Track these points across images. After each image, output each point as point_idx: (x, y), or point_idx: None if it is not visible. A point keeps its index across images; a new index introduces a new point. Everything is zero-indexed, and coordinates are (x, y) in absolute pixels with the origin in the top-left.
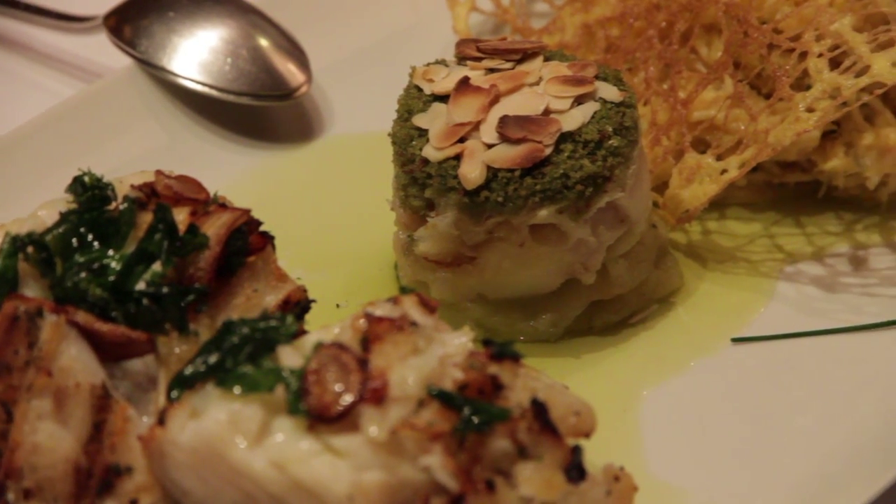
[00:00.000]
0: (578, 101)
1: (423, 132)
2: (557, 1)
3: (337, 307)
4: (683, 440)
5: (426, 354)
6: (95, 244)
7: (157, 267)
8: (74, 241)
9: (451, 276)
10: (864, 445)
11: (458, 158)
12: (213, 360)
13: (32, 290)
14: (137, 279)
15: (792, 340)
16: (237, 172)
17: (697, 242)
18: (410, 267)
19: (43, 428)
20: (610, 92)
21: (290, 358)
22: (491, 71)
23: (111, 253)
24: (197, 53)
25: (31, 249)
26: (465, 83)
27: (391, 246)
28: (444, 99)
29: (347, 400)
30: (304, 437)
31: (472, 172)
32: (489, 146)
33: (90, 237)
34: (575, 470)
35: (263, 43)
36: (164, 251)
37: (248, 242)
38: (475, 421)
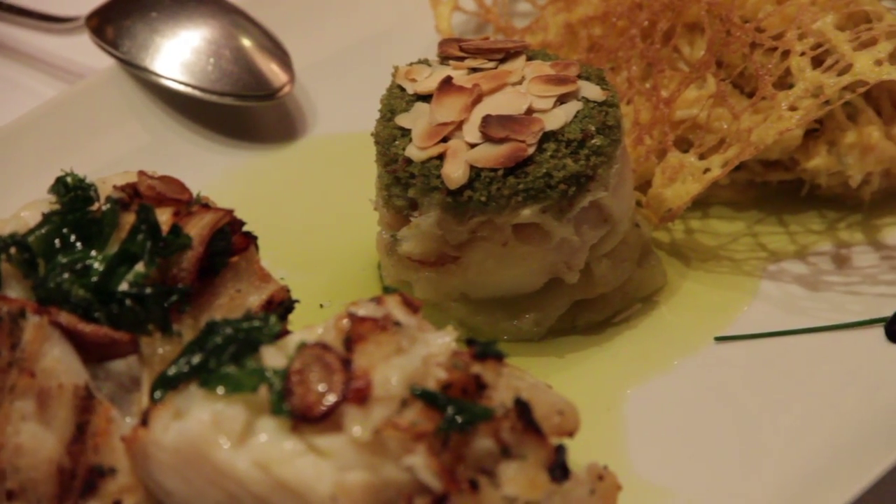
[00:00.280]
0: (561, 100)
1: (405, 132)
2: (540, 0)
3: (320, 307)
4: (667, 439)
5: (409, 354)
6: (78, 245)
7: (139, 267)
8: (57, 241)
9: (434, 275)
10: (847, 443)
11: (441, 158)
12: (196, 360)
13: (15, 291)
14: (120, 280)
15: (775, 339)
16: (220, 173)
17: (681, 241)
18: (394, 267)
19: (26, 429)
20: (593, 91)
21: (273, 358)
22: (473, 70)
23: (94, 254)
24: (179, 54)
25: (13, 250)
26: (447, 83)
27: (374, 246)
28: (426, 98)
29: (331, 400)
30: (287, 437)
31: (455, 172)
32: (472, 146)
33: (73, 238)
34: (559, 469)
35: (246, 43)
36: (146, 252)
37: (231, 243)
38: (459, 420)
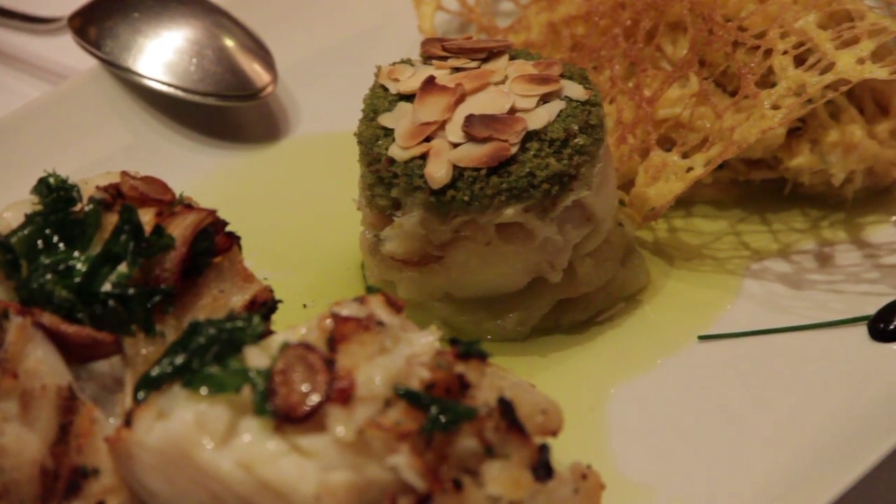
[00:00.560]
0: (544, 99)
1: (388, 132)
2: (522, 0)
3: (304, 307)
4: (651, 438)
5: (393, 354)
6: (61, 246)
7: (122, 268)
8: (40, 242)
9: (417, 275)
10: (830, 442)
11: (424, 158)
12: (179, 360)
13: None
14: (103, 280)
15: (758, 338)
16: (203, 173)
17: (664, 240)
18: (377, 266)
19: (9, 430)
20: (575, 90)
21: (256, 358)
22: (456, 70)
23: (77, 254)
24: (162, 54)
25: None
26: (430, 82)
27: (358, 245)
28: (409, 98)
29: (314, 400)
30: (270, 437)
31: (438, 172)
32: (455, 145)
33: (56, 239)
34: (542, 468)
35: (229, 43)
36: (129, 252)
37: (214, 243)
38: (442, 420)
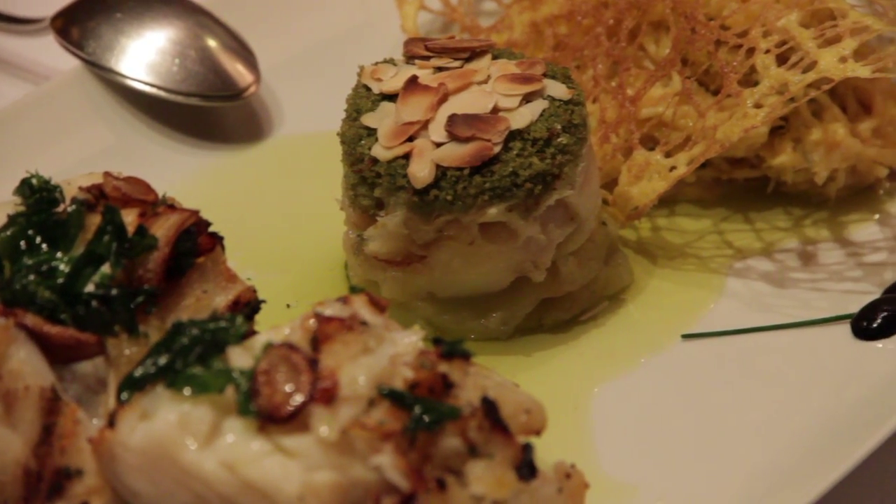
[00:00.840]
0: (527, 98)
1: (371, 131)
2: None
3: (287, 307)
4: (635, 437)
5: (376, 354)
6: (44, 246)
7: (105, 269)
8: (23, 243)
9: (401, 275)
10: (814, 440)
11: (407, 157)
12: (162, 361)
13: None
14: (86, 281)
15: (742, 336)
16: (186, 173)
17: (647, 239)
18: (360, 266)
19: None
20: (558, 90)
21: (240, 359)
22: (439, 70)
23: (59, 255)
24: (145, 54)
25: None
26: (413, 82)
27: (341, 245)
28: (392, 98)
29: (298, 400)
30: (254, 437)
31: (421, 171)
32: (438, 145)
33: (38, 239)
34: (526, 468)
35: (211, 43)
36: (112, 253)
37: (197, 243)
38: (426, 420)
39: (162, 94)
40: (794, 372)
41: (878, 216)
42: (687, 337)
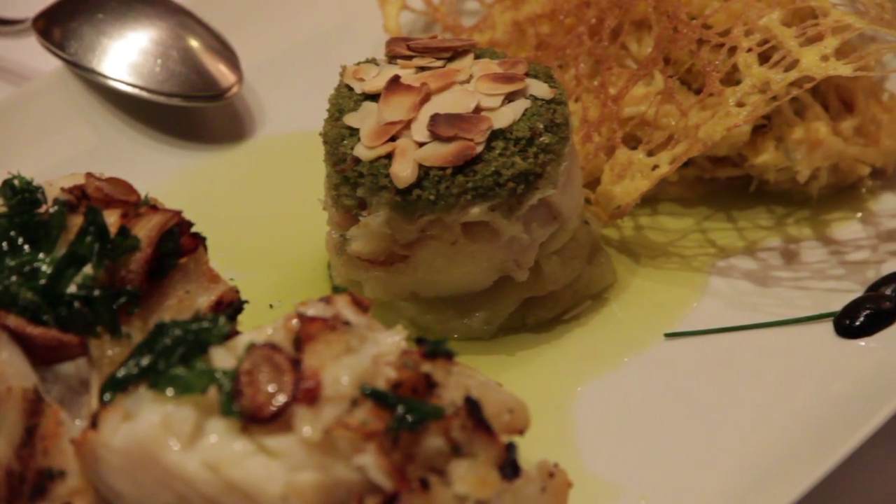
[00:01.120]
0: (509, 98)
1: (354, 131)
2: None
3: (270, 307)
4: (618, 436)
5: (359, 354)
6: (26, 247)
7: (88, 270)
8: (4, 244)
9: (384, 274)
10: (797, 438)
11: (389, 157)
12: (145, 362)
13: None
14: (69, 282)
15: (725, 335)
16: (168, 174)
17: (630, 238)
18: (343, 266)
19: None
20: (541, 89)
21: (222, 359)
22: (421, 69)
23: (42, 256)
24: (127, 55)
25: None
26: (395, 82)
27: (324, 245)
28: (375, 98)
29: (280, 400)
30: (237, 438)
31: (403, 171)
32: (420, 144)
33: (20, 240)
34: (509, 467)
35: (193, 44)
36: (95, 254)
37: (179, 244)
38: (409, 419)
39: (144, 94)
40: (777, 370)
41: (860, 215)
42: (670, 336)
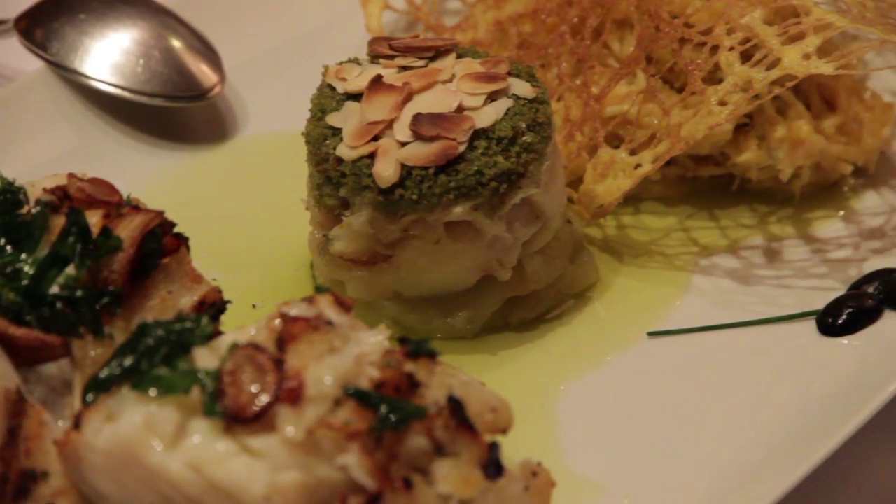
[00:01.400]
0: (491, 97)
1: (336, 131)
2: None
3: (253, 308)
4: (601, 434)
5: (342, 353)
6: (8, 248)
7: (70, 270)
8: None
9: (366, 274)
10: (780, 437)
11: (372, 157)
12: (128, 362)
13: None
14: (51, 283)
15: (708, 333)
16: (150, 174)
17: (613, 237)
18: (326, 266)
19: None
20: (523, 88)
21: (205, 359)
22: (404, 69)
23: (24, 257)
24: (109, 55)
25: None
26: (377, 81)
27: (307, 245)
28: (357, 97)
29: (263, 400)
30: (220, 438)
31: (386, 171)
32: (403, 144)
33: (2, 241)
34: (492, 466)
35: (176, 44)
36: (77, 254)
37: (162, 244)
38: (392, 419)
39: (126, 94)
40: (759, 369)
41: (842, 213)
42: (653, 334)
